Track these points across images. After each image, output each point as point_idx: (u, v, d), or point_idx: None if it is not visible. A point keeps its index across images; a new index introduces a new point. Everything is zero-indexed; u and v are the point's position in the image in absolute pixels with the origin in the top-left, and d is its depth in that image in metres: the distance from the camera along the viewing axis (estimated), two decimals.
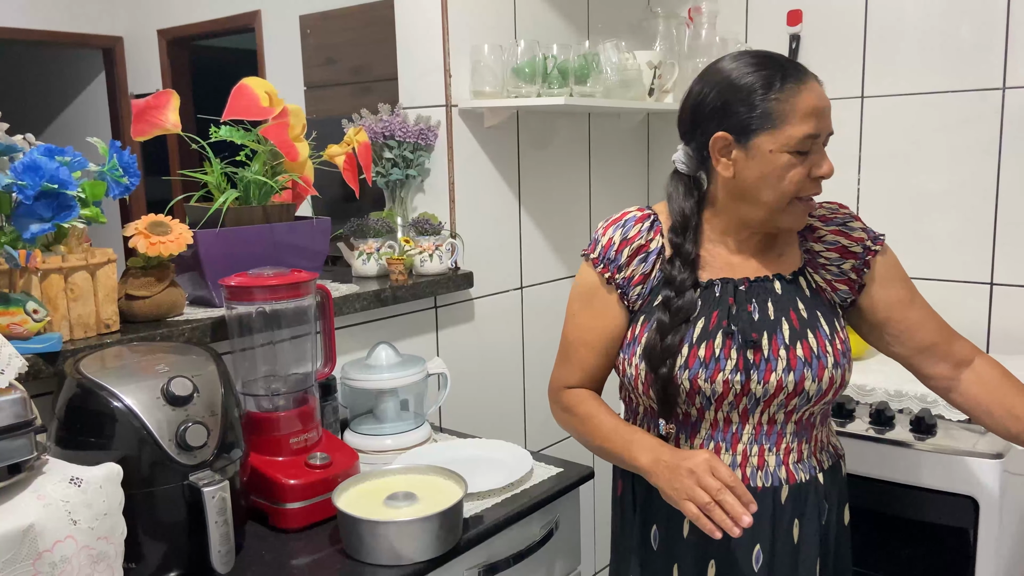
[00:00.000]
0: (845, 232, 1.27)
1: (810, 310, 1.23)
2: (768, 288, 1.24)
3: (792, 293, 1.24)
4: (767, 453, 1.23)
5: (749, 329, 1.21)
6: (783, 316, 1.22)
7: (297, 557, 1.26)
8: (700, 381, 1.20)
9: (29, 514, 0.91)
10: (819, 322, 1.23)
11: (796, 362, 1.19)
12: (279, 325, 1.44)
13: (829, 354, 1.21)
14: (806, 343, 1.20)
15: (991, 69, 2.03)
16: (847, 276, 1.26)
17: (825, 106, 1.16)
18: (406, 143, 1.95)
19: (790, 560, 1.25)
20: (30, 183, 1.22)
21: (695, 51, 2.30)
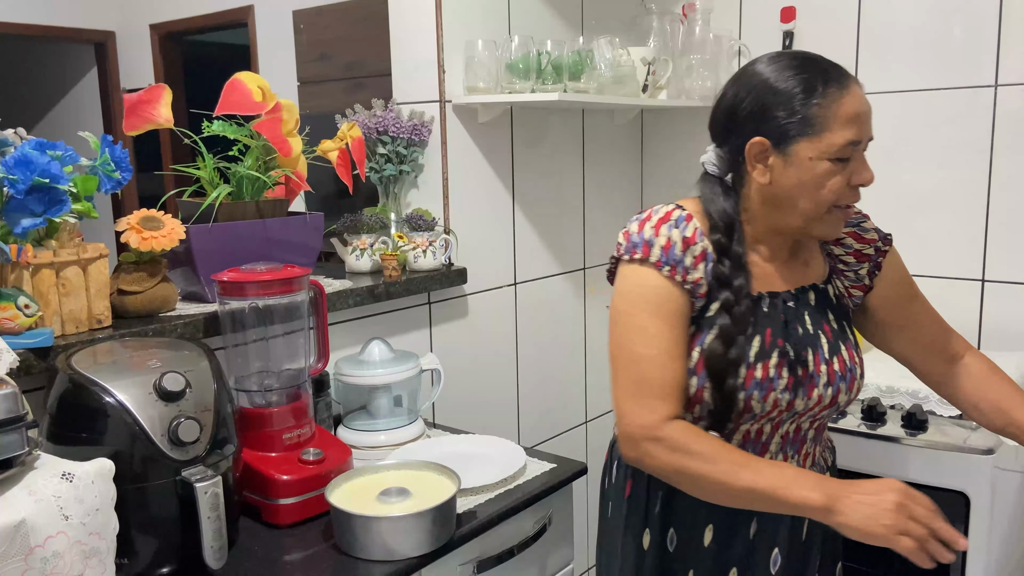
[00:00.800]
0: (859, 234, 1.27)
1: (838, 321, 1.23)
2: (804, 300, 1.21)
3: (823, 304, 1.23)
4: (790, 459, 1.23)
5: (799, 347, 1.17)
6: (819, 330, 1.20)
7: (290, 553, 1.26)
8: (753, 402, 1.14)
9: (20, 509, 0.91)
10: (846, 333, 1.24)
11: (834, 376, 1.19)
12: (272, 321, 1.44)
13: (858, 364, 1.22)
14: (840, 357, 1.20)
15: (983, 67, 2.04)
16: (862, 281, 1.26)
17: (866, 111, 1.11)
18: (400, 139, 1.94)
19: (800, 558, 1.26)
20: (21, 177, 1.22)
21: (689, 48, 2.30)
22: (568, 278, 2.39)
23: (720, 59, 2.33)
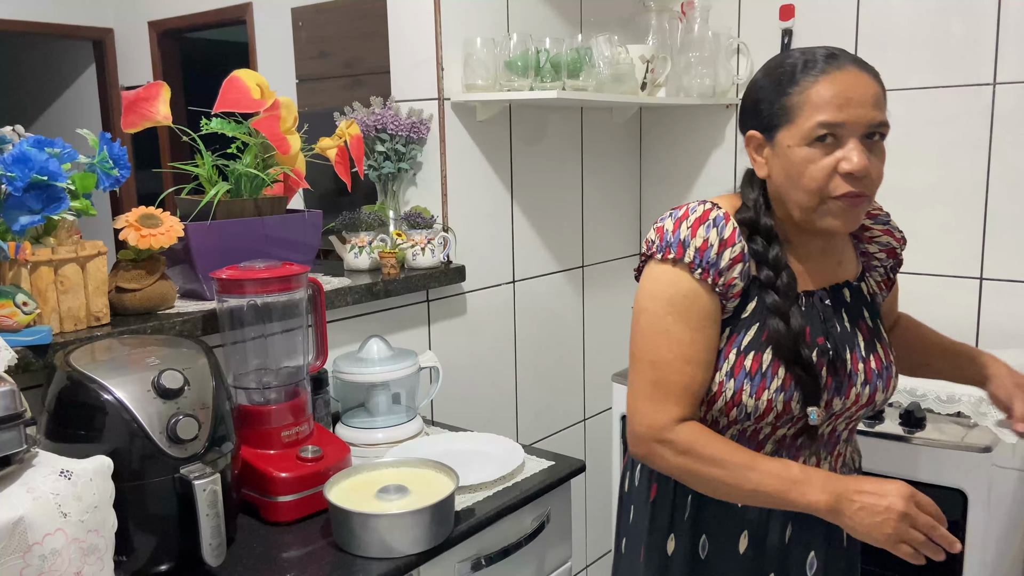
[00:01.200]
0: (891, 231, 1.29)
1: (873, 319, 1.22)
2: (840, 298, 1.20)
3: (858, 302, 1.21)
4: (822, 462, 1.21)
5: (839, 345, 1.16)
6: (856, 328, 1.19)
7: (288, 550, 1.26)
8: (793, 403, 1.13)
9: (19, 507, 0.91)
10: (880, 330, 1.23)
11: (871, 375, 1.17)
12: (270, 318, 1.44)
13: (893, 363, 1.22)
14: (877, 355, 1.19)
15: (982, 65, 2.04)
16: (889, 276, 1.29)
17: (863, 95, 1.07)
18: (398, 136, 1.94)
19: (844, 563, 1.24)
20: (19, 175, 1.22)
21: (688, 46, 2.30)
22: (567, 276, 2.39)
23: (719, 57, 2.33)
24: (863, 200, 1.10)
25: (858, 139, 1.08)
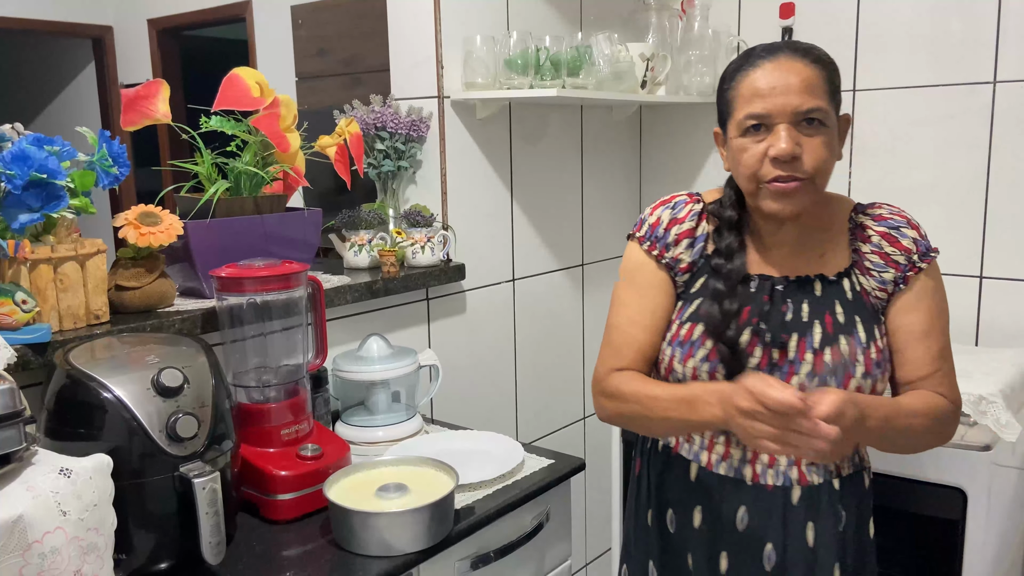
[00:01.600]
0: (893, 238, 1.20)
1: (848, 314, 1.18)
2: (808, 288, 1.20)
3: (832, 295, 1.19)
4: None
5: (780, 330, 1.17)
6: (817, 319, 1.18)
7: (288, 548, 1.26)
8: (675, 362, 1.22)
9: (18, 505, 0.91)
10: (856, 328, 1.18)
11: (822, 367, 1.15)
12: (270, 316, 1.44)
13: (859, 363, 1.16)
14: (836, 348, 1.16)
15: (982, 63, 2.04)
16: (886, 286, 1.20)
17: (786, 83, 1.10)
18: (398, 134, 1.94)
19: (804, 563, 1.22)
20: (19, 173, 1.22)
21: (688, 44, 2.30)
22: (566, 274, 2.39)
23: (719, 55, 2.33)
24: (797, 184, 1.12)
25: (789, 125, 1.12)
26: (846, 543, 1.23)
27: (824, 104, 1.12)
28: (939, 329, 1.20)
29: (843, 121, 1.19)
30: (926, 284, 1.20)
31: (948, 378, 1.20)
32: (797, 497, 1.21)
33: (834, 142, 1.15)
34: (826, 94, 1.13)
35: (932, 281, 1.21)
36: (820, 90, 1.12)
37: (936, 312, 1.20)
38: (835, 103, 1.16)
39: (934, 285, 1.21)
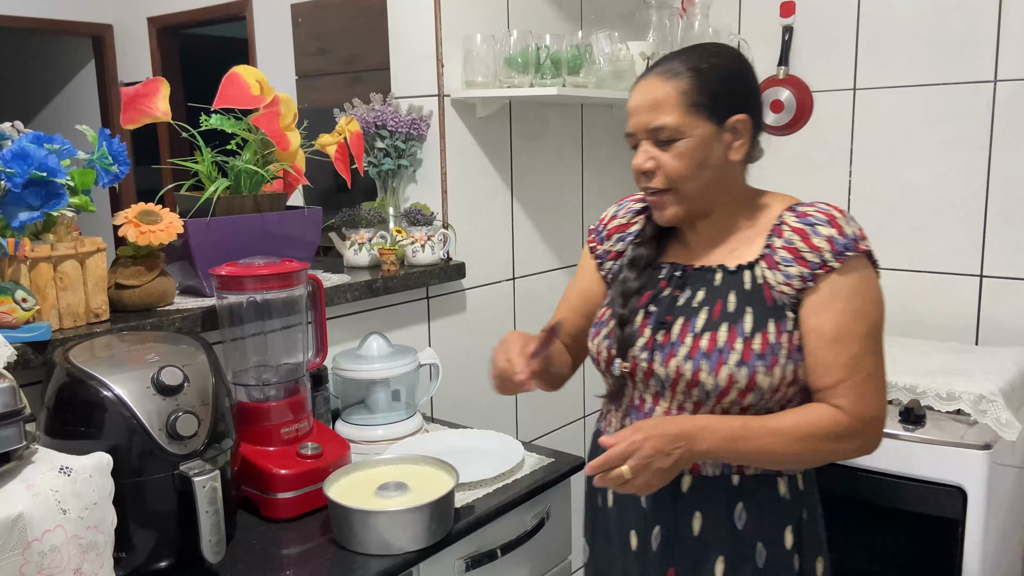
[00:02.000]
0: (806, 234, 1.14)
1: (740, 304, 1.17)
2: (708, 278, 1.21)
3: (730, 286, 1.19)
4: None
5: (667, 312, 1.21)
6: (708, 306, 1.19)
7: (288, 547, 1.26)
8: (591, 340, 1.28)
9: (18, 503, 0.91)
10: (743, 317, 1.16)
11: (696, 351, 1.16)
12: (270, 315, 1.44)
13: (736, 351, 1.14)
14: (714, 335, 1.16)
15: (983, 62, 2.04)
16: (791, 280, 1.15)
17: (638, 104, 1.17)
18: (398, 133, 1.94)
19: (691, 552, 1.21)
20: (18, 171, 1.21)
21: (688, 42, 2.28)
22: (566, 273, 2.39)
23: None
24: (660, 194, 1.19)
25: (647, 142, 1.18)
26: (741, 542, 1.20)
27: (672, 119, 1.14)
28: (854, 335, 1.12)
29: (739, 124, 1.16)
30: (839, 285, 1.13)
31: (856, 389, 1.12)
32: (687, 485, 1.20)
33: (700, 151, 1.15)
34: (680, 107, 1.14)
35: (848, 283, 1.13)
36: (670, 105, 1.15)
37: (852, 316, 1.12)
38: (709, 111, 1.14)
39: (851, 287, 1.13)
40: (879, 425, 1.15)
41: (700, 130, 1.15)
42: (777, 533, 1.20)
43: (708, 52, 1.19)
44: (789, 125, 2.34)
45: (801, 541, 1.21)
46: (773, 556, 1.20)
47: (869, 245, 1.16)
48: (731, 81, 1.17)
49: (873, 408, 1.13)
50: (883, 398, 1.15)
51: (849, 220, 1.16)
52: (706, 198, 1.19)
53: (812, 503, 1.25)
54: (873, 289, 1.15)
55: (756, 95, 1.21)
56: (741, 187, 1.23)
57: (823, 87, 2.29)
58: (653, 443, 1.06)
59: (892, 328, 2.17)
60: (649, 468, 1.06)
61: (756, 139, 1.21)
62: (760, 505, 1.19)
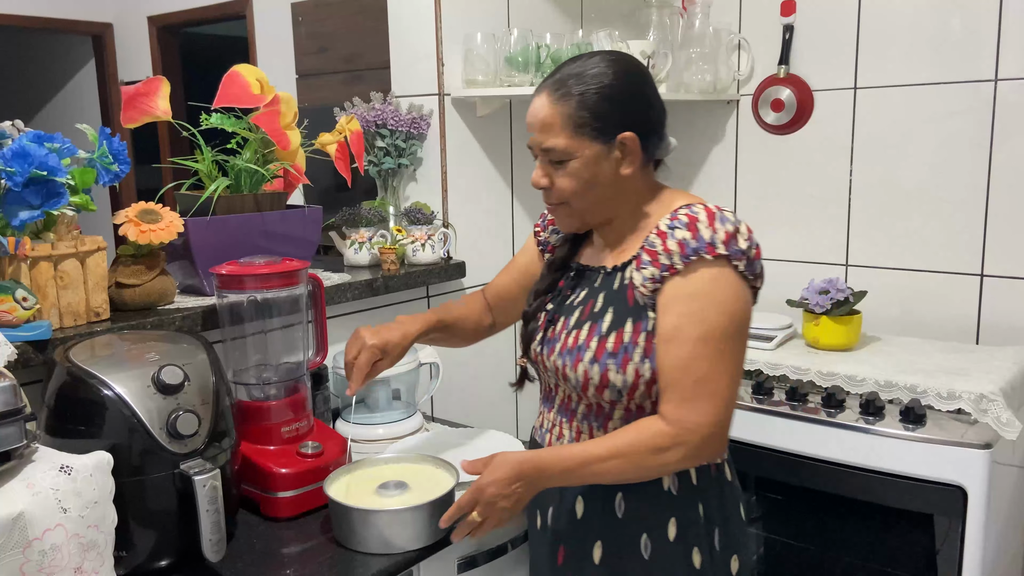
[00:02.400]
0: (665, 235, 1.13)
1: (605, 304, 1.20)
2: (592, 278, 1.25)
3: (605, 286, 1.22)
4: (564, 426, 1.26)
5: (556, 310, 1.27)
6: (583, 305, 1.23)
7: (288, 545, 1.26)
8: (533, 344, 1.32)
9: (18, 502, 0.91)
10: (603, 317, 1.19)
11: (564, 348, 1.22)
12: (270, 314, 1.44)
13: (590, 349, 1.17)
14: (578, 333, 1.20)
15: (983, 61, 2.04)
16: (646, 282, 1.15)
17: (531, 121, 1.19)
18: (398, 132, 1.94)
19: (575, 534, 1.24)
20: (19, 170, 1.21)
21: (688, 41, 2.30)
22: None
23: (720, 53, 2.33)
24: (556, 207, 1.23)
25: (543, 159, 1.20)
26: (622, 529, 1.20)
27: (561, 141, 1.16)
28: (687, 337, 1.10)
29: (627, 141, 1.15)
30: (680, 288, 1.12)
31: (682, 393, 1.10)
32: None
33: (588, 170, 1.17)
34: (567, 129, 1.15)
35: (690, 286, 1.11)
36: (557, 127, 1.16)
37: (688, 319, 1.11)
38: (596, 131, 1.15)
39: (693, 290, 1.11)
40: (706, 432, 1.10)
41: (588, 151, 1.16)
42: (660, 524, 1.20)
43: (596, 69, 1.16)
44: (789, 124, 2.34)
45: (688, 535, 1.19)
46: (658, 548, 1.19)
47: (735, 249, 1.11)
48: (617, 100, 1.15)
49: (698, 414, 1.10)
50: (715, 405, 1.10)
51: (720, 223, 1.11)
52: (601, 210, 1.22)
53: (715, 498, 1.21)
54: (720, 293, 1.11)
55: (644, 108, 1.18)
56: (641, 193, 1.22)
57: (824, 86, 2.29)
58: (492, 489, 1.13)
59: (892, 327, 2.18)
60: (495, 509, 1.13)
61: (654, 146, 1.20)
62: (640, 496, 1.20)
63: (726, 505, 1.24)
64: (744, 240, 1.13)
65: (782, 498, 1.99)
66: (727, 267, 1.12)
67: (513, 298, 1.44)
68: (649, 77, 1.22)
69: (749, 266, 1.13)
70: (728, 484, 1.25)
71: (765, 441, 1.84)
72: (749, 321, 1.17)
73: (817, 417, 1.79)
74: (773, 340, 2.05)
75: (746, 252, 1.12)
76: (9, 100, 5.32)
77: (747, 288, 1.15)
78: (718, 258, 1.11)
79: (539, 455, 1.15)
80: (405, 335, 1.34)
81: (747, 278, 1.14)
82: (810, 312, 2.02)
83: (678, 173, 2.55)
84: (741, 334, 1.14)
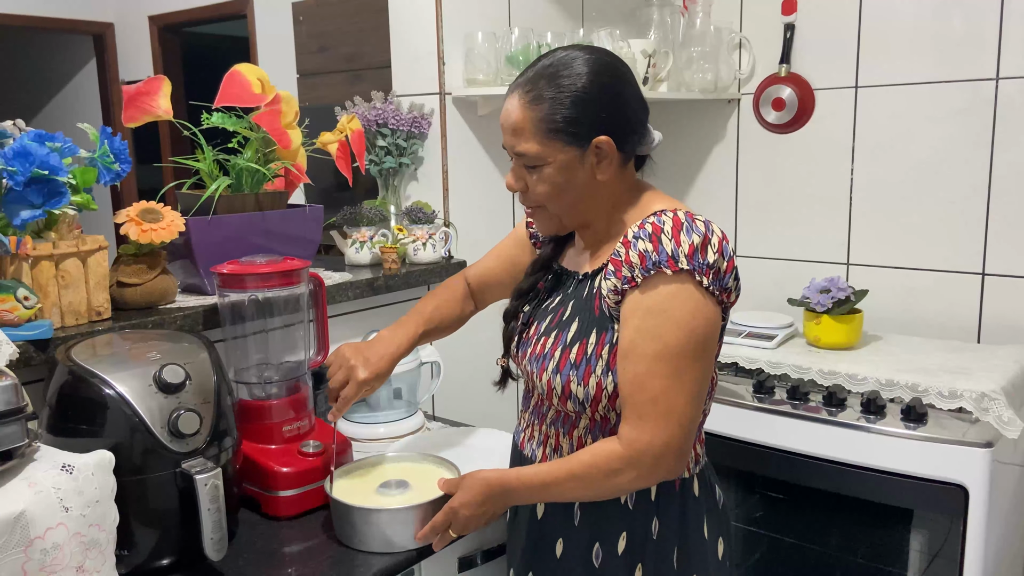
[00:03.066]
0: (630, 245, 1.09)
1: (573, 312, 1.18)
2: (567, 283, 1.24)
3: (576, 293, 1.20)
4: (536, 428, 1.25)
5: (531, 313, 1.26)
6: (554, 312, 1.21)
7: (290, 544, 1.26)
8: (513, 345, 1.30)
9: (20, 501, 0.91)
10: (570, 326, 1.17)
11: (532, 354, 1.21)
12: (271, 313, 1.44)
13: (554, 359, 1.16)
14: (545, 340, 1.19)
15: (985, 59, 2.04)
16: (609, 293, 1.12)
17: (504, 123, 1.15)
18: (399, 131, 1.94)
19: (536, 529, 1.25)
20: (20, 169, 1.21)
21: (689, 40, 2.30)
22: None
23: (721, 51, 2.33)
24: (534, 210, 1.21)
25: (517, 162, 1.17)
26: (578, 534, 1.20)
27: (533, 147, 1.12)
28: (642, 354, 1.07)
29: (603, 145, 1.12)
30: (638, 302, 1.08)
31: (636, 411, 1.07)
32: None
33: (562, 175, 1.13)
34: (539, 134, 1.12)
35: (648, 301, 1.07)
36: (529, 132, 1.12)
37: (643, 334, 1.07)
38: (569, 136, 1.11)
39: (650, 305, 1.07)
40: (658, 452, 1.07)
41: (562, 156, 1.12)
42: (611, 537, 1.18)
43: (569, 70, 1.11)
44: (791, 123, 2.34)
45: (635, 550, 1.17)
46: (607, 559, 1.18)
47: (700, 263, 1.06)
48: (591, 103, 1.11)
49: (650, 434, 1.06)
50: (669, 425, 1.06)
51: (686, 234, 1.07)
52: (577, 214, 1.18)
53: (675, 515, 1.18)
54: (678, 310, 1.06)
55: (620, 109, 1.13)
56: (619, 196, 1.18)
57: (825, 85, 2.28)
58: (465, 511, 1.18)
59: (893, 326, 2.18)
60: (468, 526, 1.20)
61: (634, 144, 1.17)
62: (595, 506, 1.19)
63: (688, 523, 1.19)
64: (713, 252, 1.06)
65: (783, 497, 1.99)
66: (689, 282, 1.06)
67: (498, 282, 1.43)
68: (626, 74, 1.15)
69: (717, 280, 1.07)
70: (693, 500, 1.19)
71: (766, 440, 1.84)
72: (712, 339, 1.10)
73: (818, 416, 1.79)
74: (774, 339, 2.05)
75: (713, 265, 1.06)
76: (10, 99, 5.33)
77: (711, 304, 1.08)
78: (679, 273, 1.06)
79: (506, 476, 1.18)
80: (392, 359, 1.32)
81: (713, 293, 1.08)
82: (811, 311, 2.02)
83: (678, 172, 2.56)
84: (701, 352, 1.08)
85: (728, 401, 1.89)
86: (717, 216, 2.48)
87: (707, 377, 1.12)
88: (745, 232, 2.48)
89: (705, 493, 1.21)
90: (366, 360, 1.30)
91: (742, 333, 2.08)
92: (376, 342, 1.33)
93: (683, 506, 1.19)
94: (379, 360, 1.30)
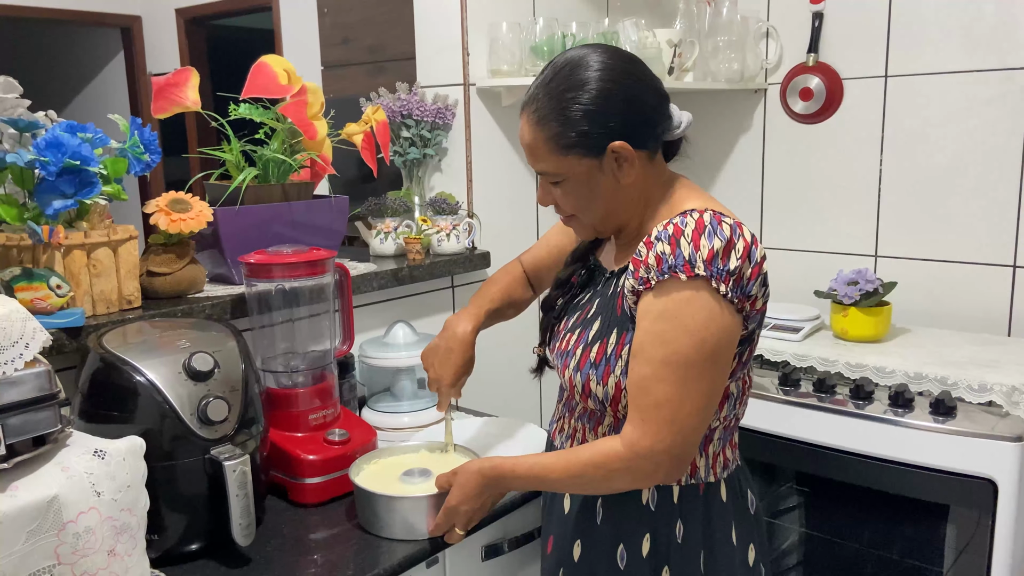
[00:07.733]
0: (651, 245, 1.06)
1: (597, 311, 1.18)
2: (597, 280, 1.24)
3: (603, 290, 1.20)
4: (566, 421, 1.25)
5: (564, 309, 1.26)
6: (582, 308, 1.22)
7: (315, 531, 1.28)
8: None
9: (53, 485, 0.93)
10: (592, 325, 1.16)
11: (559, 349, 1.21)
12: (298, 303, 1.45)
13: (575, 356, 1.16)
14: (570, 337, 1.19)
15: (1017, 48, 2.00)
16: (628, 293, 1.10)
17: (522, 143, 1.15)
18: (423, 122, 1.94)
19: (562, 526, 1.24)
20: (52, 159, 1.23)
21: (715, 29, 2.27)
22: None
23: (747, 41, 2.30)
24: (568, 219, 1.21)
25: (542, 179, 1.18)
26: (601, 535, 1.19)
27: (549, 165, 1.13)
28: (649, 357, 1.05)
29: (619, 150, 1.09)
30: (651, 305, 1.05)
31: (640, 414, 1.06)
32: None
33: (585, 187, 1.13)
34: (553, 152, 1.11)
35: (660, 305, 1.04)
36: (542, 151, 1.12)
37: (652, 338, 1.05)
38: (583, 148, 1.09)
39: (662, 309, 1.04)
40: (658, 459, 1.05)
41: (580, 168, 1.11)
42: (635, 538, 1.16)
43: (572, 83, 1.08)
44: (819, 113, 2.31)
45: (661, 553, 1.15)
46: (632, 561, 1.17)
47: (719, 269, 1.02)
48: (600, 111, 1.08)
49: (652, 439, 1.04)
50: (672, 433, 1.04)
51: (707, 238, 1.03)
52: (610, 220, 1.17)
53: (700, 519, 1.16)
54: (690, 317, 1.02)
55: (635, 110, 1.10)
56: (652, 193, 1.16)
57: (853, 74, 2.25)
58: (465, 506, 1.21)
59: (922, 319, 2.15)
60: (472, 520, 1.23)
61: (658, 138, 1.14)
62: (617, 507, 1.17)
63: (713, 528, 1.17)
64: (736, 258, 1.02)
65: (809, 490, 1.98)
66: (704, 289, 1.02)
67: (548, 269, 1.43)
68: (634, 71, 1.11)
69: (738, 287, 1.03)
70: (720, 504, 1.17)
71: (791, 433, 1.83)
72: (727, 348, 1.06)
73: (845, 409, 1.77)
74: (800, 331, 2.03)
75: (734, 272, 1.02)
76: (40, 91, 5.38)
77: (728, 313, 1.03)
78: (695, 278, 1.02)
79: (500, 463, 1.20)
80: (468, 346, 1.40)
81: (732, 301, 1.03)
82: (838, 303, 2.00)
83: (704, 163, 2.54)
84: (711, 362, 1.04)
85: (753, 393, 1.87)
86: (743, 207, 2.46)
87: (718, 388, 1.08)
88: (771, 223, 2.45)
89: (733, 498, 1.19)
90: (450, 368, 1.36)
91: (768, 325, 2.06)
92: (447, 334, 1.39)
93: (708, 510, 1.17)
94: (456, 357, 1.37)
